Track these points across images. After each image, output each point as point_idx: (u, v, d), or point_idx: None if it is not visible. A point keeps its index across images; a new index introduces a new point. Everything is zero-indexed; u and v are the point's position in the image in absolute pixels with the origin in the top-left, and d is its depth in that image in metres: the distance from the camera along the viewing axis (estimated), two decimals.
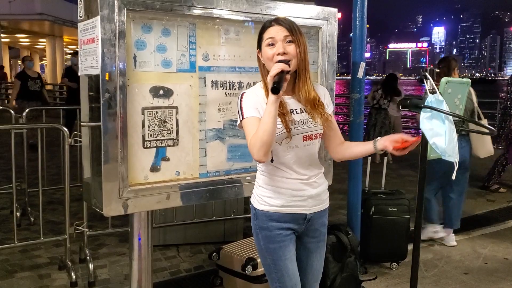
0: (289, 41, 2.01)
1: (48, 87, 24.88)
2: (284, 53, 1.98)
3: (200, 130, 2.53)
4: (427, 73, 1.95)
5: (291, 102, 2.08)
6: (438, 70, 4.72)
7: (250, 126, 1.98)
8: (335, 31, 2.84)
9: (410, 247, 4.49)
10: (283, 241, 2.13)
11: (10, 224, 3.97)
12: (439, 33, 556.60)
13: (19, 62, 39.36)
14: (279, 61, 1.94)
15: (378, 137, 2.11)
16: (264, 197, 2.13)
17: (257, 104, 2.04)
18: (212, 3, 2.43)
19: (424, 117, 2.00)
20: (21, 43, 34.06)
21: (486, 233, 5.17)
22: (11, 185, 4.17)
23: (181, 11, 2.35)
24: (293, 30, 2.03)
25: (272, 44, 2.01)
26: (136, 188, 2.30)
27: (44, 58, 36.85)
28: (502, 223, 5.56)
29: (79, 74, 2.40)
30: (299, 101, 2.09)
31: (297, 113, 2.07)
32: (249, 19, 2.58)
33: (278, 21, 2.05)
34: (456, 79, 2.40)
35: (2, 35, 26.24)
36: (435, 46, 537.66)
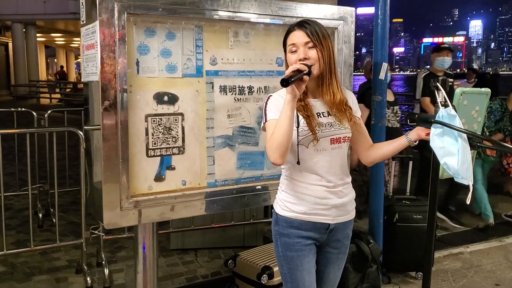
0: (310, 47, 1.97)
1: (81, 86, 25.38)
2: (305, 59, 1.94)
3: (207, 137, 2.42)
4: (438, 84, 1.76)
5: (317, 105, 2.04)
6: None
7: (271, 129, 1.95)
8: (352, 31, 2.68)
9: (436, 255, 4.30)
10: (301, 250, 2.05)
11: (32, 225, 3.99)
12: (476, 26, 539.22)
13: (55, 60, 40.38)
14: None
15: (408, 131, 2.06)
16: (286, 203, 2.07)
17: (281, 107, 1.97)
18: (218, 4, 2.31)
19: (435, 133, 1.79)
20: (57, 42, 34.90)
21: None
22: (34, 185, 4.20)
23: (186, 14, 2.23)
24: (314, 34, 1.97)
25: (295, 51, 1.99)
26: (139, 199, 2.21)
27: (78, 57, 37.66)
28: None
29: (82, 80, 2.33)
30: (326, 104, 2.04)
31: (324, 116, 2.03)
32: (259, 20, 2.45)
33: (300, 25, 2.01)
34: (474, 89, 2.17)
35: (38, 35, 26.90)
36: (472, 40, 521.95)
